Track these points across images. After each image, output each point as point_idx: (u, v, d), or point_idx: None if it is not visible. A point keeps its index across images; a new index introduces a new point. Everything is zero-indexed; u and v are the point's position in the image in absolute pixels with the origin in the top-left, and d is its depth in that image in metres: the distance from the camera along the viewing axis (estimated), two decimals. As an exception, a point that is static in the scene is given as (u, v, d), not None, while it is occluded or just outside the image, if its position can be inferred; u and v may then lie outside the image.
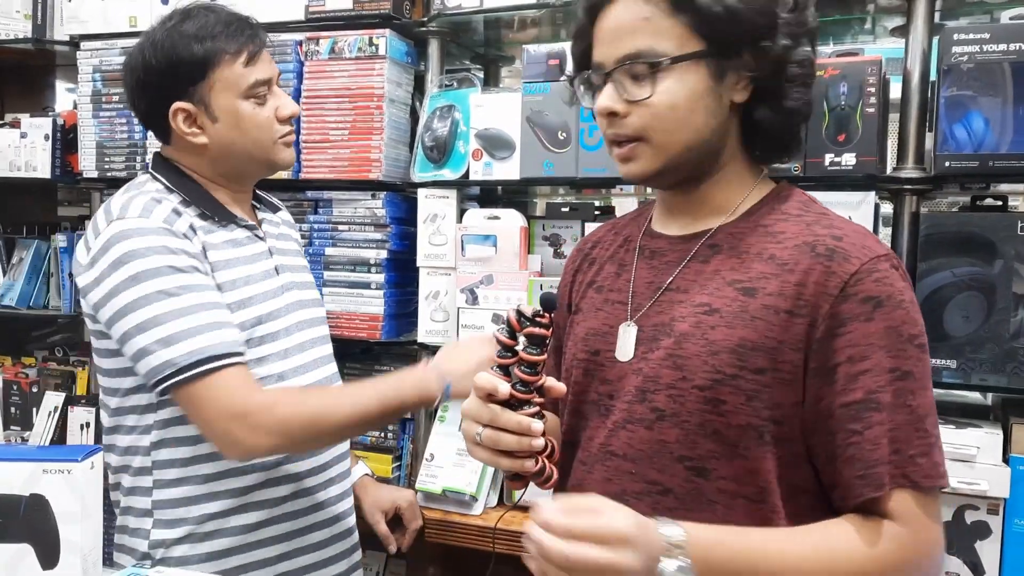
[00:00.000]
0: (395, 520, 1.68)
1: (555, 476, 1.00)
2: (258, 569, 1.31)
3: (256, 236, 1.38)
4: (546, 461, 1.00)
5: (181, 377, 1.19)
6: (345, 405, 1.27)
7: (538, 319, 0.95)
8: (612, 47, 0.96)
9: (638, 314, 1.01)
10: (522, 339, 0.96)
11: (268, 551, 1.32)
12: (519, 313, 0.96)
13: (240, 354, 1.23)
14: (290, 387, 1.33)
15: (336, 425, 1.26)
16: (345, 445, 1.45)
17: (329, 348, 1.46)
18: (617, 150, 0.99)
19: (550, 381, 0.99)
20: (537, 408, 0.97)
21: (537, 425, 0.95)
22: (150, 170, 1.36)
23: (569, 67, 1.11)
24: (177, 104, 1.30)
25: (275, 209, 1.51)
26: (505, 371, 0.97)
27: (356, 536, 1.49)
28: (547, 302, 0.96)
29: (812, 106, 1.01)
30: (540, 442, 0.96)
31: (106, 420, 1.34)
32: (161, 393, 1.22)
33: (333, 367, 1.47)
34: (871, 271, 0.90)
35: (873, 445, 0.88)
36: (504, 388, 0.95)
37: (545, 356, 0.96)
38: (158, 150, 1.39)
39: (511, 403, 0.96)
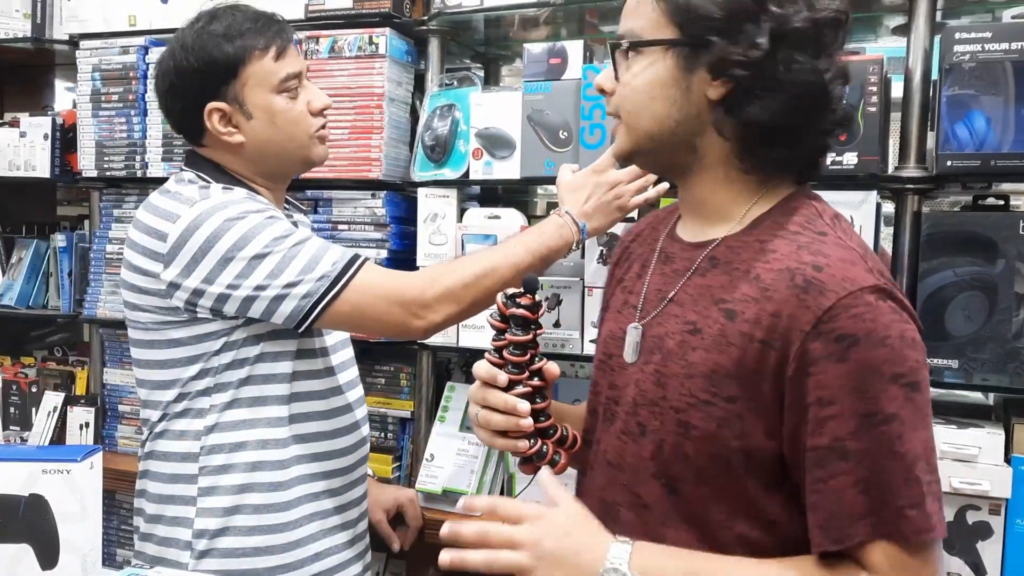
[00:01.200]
0: (396, 520, 1.68)
1: (562, 461, 1.02)
2: (296, 569, 1.32)
3: None
4: (551, 445, 1.01)
5: (337, 288, 1.24)
6: (499, 261, 1.31)
7: (519, 300, 0.98)
8: (619, 25, 0.98)
9: (645, 320, 1.00)
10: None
11: (304, 551, 1.33)
12: (505, 295, 1.00)
13: (361, 254, 1.30)
14: (436, 263, 1.41)
15: (499, 282, 1.29)
16: (366, 449, 1.47)
17: (356, 371, 1.50)
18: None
19: (547, 364, 1.01)
20: (529, 389, 0.99)
21: (523, 405, 0.98)
22: (190, 168, 1.36)
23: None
24: (212, 104, 1.31)
25: (300, 209, 1.53)
26: (500, 353, 1.00)
27: (368, 538, 1.50)
28: (528, 283, 1.00)
29: (802, 119, 0.91)
30: (527, 422, 0.98)
31: (152, 414, 1.35)
32: (312, 320, 1.24)
33: (361, 389, 1.50)
34: (849, 306, 0.83)
35: (837, 496, 0.83)
36: (489, 370, 0.99)
37: (530, 336, 0.99)
38: (192, 149, 1.39)
39: (507, 385, 1.00)
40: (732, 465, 0.89)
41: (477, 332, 1.69)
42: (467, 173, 1.74)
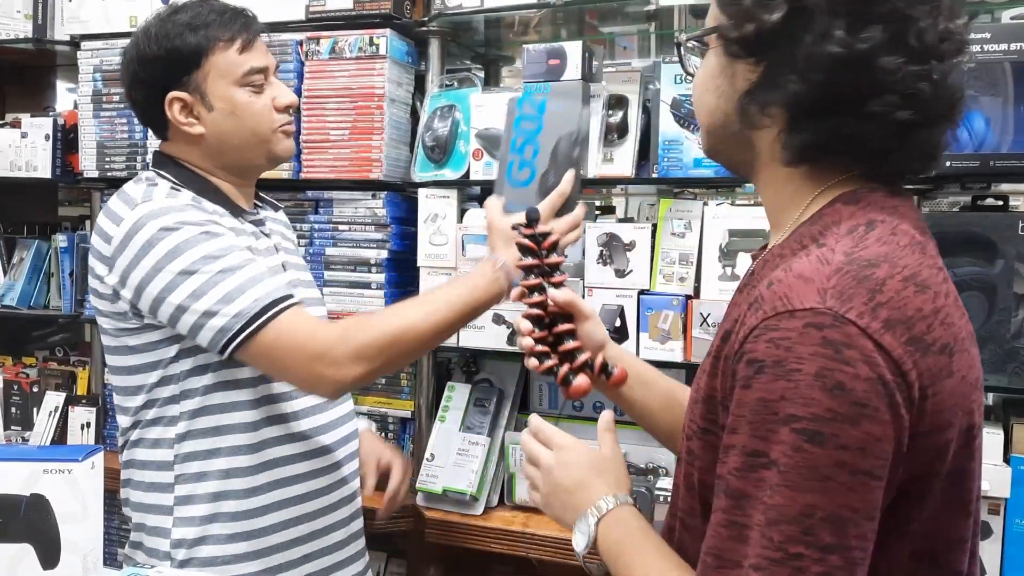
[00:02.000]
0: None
1: (577, 382, 1.07)
2: (285, 572, 1.31)
3: (262, 232, 1.38)
4: (568, 366, 1.09)
5: (251, 328, 1.19)
6: (419, 320, 1.25)
7: (522, 230, 1.13)
8: None
9: None
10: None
11: (290, 553, 1.32)
12: (515, 224, 1.16)
13: (292, 295, 1.25)
14: (358, 315, 1.36)
15: (415, 341, 1.25)
16: (354, 445, 1.45)
17: None
18: None
19: (553, 289, 1.11)
20: (537, 311, 1.11)
21: (524, 324, 1.11)
22: (152, 168, 1.35)
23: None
24: (173, 93, 1.30)
25: (275, 208, 1.51)
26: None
27: (364, 537, 1.49)
28: (529, 214, 1.14)
29: (833, 99, 0.78)
30: (527, 341, 1.10)
31: (124, 420, 1.34)
32: (230, 354, 1.21)
33: None
34: (769, 328, 0.72)
35: (712, 532, 0.75)
36: (514, 292, 1.17)
37: (532, 262, 1.12)
38: (158, 148, 1.39)
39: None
40: None
41: (477, 332, 1.69)
42: (467, 174, 1.74)
